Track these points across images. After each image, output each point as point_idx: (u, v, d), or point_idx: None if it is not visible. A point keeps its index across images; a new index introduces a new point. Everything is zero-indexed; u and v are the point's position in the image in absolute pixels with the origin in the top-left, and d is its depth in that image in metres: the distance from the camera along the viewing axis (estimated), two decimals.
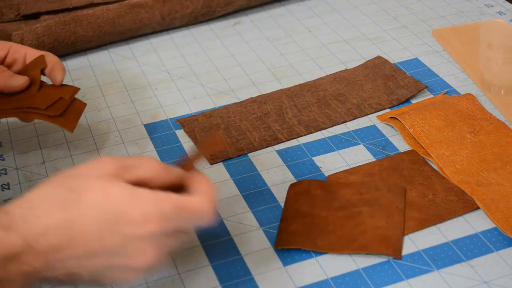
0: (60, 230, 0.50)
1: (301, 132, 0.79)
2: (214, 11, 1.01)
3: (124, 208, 0.50)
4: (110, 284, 0.54)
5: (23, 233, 0.49)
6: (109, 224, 0.50)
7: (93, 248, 0.50)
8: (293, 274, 0.63)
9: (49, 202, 0.51)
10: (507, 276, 0.61)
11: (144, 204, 0.50)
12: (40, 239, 0.49)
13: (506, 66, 0.91)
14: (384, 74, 0.87)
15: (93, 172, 0.52)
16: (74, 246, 0.50)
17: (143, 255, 0.51)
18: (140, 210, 0.50)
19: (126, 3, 0.96)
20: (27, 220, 0.50)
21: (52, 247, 0.49)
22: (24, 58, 0.75)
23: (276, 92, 0.85)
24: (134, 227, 0.50)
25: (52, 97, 0.72)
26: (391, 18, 1.01)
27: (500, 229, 0.65)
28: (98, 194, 0.51)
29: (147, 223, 0.50)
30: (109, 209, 0.50)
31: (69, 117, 0.72)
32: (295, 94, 0.85)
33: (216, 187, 0.72)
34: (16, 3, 1.00)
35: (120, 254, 0.51)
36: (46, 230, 0.49)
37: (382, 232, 0.65)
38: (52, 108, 0.71)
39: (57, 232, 0.50)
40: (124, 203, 0.50)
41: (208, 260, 0.64)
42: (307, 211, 0.68)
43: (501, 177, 0.70)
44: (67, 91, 0.73)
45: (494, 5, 1.02)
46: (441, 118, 0.77)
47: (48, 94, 0.72)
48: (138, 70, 0.93)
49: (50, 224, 0.50)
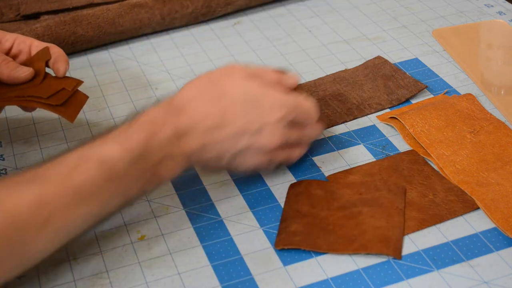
0: (216, 115, 0.64)
1: None
2: (214, 11, 1.01)
3: (261, 98, 0.66)
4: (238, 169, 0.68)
5: (190, 116, 0.64)
6: (250, 109, 0.66)
7: (239, 129, 0.65)
8: (293, 274, 0.63)
9: (205, 95, 0.66)
10: (507, 276, 0.61)
11: (275, 97, 0.67)
12: (202, 121, 0.64)
13: (506, 66, 0.91)
14: (384, 74, 0.87)
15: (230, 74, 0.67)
16: (225, 128, 0.65)
17: (272, 137, 0.66)
18: (272, 100, 0.66)
19: (126, 3, 0.96)
20: (191, 106, 0.64)
21: (210, 127, 0.64)
22: (29, 49, 0.77)
23: None
24: (268, 112, 0.66)
25: (54, 87, 0.73)
26: (391, 18, 1.01)
27: (500, 229, 0.65)
28: (240, 88, 0.66)
29: (276, 110, 0.66)
30: (250, 98, 0.66)
31: (70, 108, 0.73)
32: None
33: (216, 187, 0.72)
34: (16, 3, 1.00)
35: (258, 135, 0.66)
36: (206, 114, 0.64)
37: (382, 232, 0.65)
38: (54, 98, 0.72)
39: (214, 116, 0.64)
40: (261, 95, 0.66)
41: (208, 260, 0.64)
42: (307, 211, 0.68)
43: (501, 177, 0.70)
44: (70, 83, 0.74)
45: (494, 5, 1.02)
46: (441, 118, 0.77)
47: (51, 85, 0.73)
48: (138, 70, 0.93)
49: (209, 111, 0.64)
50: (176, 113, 0.64)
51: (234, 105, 0.65)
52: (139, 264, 0.64)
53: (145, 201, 0.71)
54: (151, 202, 0.71)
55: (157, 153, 0.62)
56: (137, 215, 0.69)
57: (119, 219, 0.69)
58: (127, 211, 0.70)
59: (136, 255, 0.65)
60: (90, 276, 0.63)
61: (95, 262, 0.65)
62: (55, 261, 0.65)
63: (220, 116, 0.65)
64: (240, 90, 0.66)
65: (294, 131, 0.69)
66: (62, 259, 0.65)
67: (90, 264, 0.64)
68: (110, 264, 0.64)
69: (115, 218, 0.69)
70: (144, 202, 0.71)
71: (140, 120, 0.63)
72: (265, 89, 0.67)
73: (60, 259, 0.65)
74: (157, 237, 0.67)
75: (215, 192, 0.72)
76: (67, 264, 0.65)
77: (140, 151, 0.61)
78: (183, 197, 0.71)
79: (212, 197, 0.71)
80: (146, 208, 0.70)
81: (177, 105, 0.65)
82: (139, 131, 0.62)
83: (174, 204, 0.71)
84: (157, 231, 0.68)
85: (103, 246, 0.66)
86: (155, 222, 0.69)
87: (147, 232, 0.68)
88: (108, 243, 0.67)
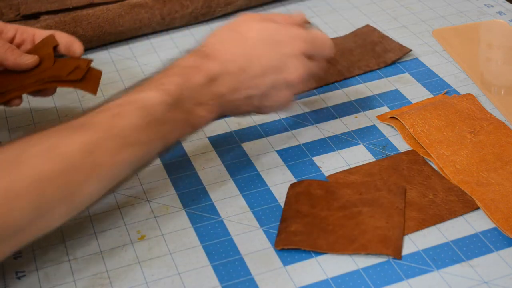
0: (243, 56, 0.68)
1: None
2: (214, 11, 1.01)
3: (279, 34, 0.70)
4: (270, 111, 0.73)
5: (219, 60, 0.67)
6: (271, 46, 0.69)
7: (265, 67, 0.68)
8: (293, 274, 0.63)
9: (228, 41, 0.69)
10: (507, 276, 0.61)
11: (291, 31, 0.70)
12: (231, 63, 0.67)
13: (506, 66, 0.91)
14: (372, 40, 0.93)
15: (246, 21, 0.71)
16: (252, 69, 0.68)
17: (297, 70, 0.69)
18: (290, 34, 0.70)
19: (126, 3, 0.96)
20: (219, 51, 0.68)
21: (239, 69, 0.67)
22: (32, 38, 0.78)
23: None
24: (288, 46, 0.69)
25: (69, 67, 0.75)
26: (391, 18, 1.01)
27: (500, 229, 0.65)
28: (259, 29, 0.70)
29: (296, 43, 0.70)
30: (269, 37, 0.70)
31: (90, 82, 0.75)
32: None
33: (216, 187, 0.72)
34: (16, 3, 1.00)
35: (282, 70, 0.69)
36: (234, 57, 0.68)
37: (382, 232, 0.65)
38: (72, 75, 0.74)
39: (241, 58, 0.68)
40: (278, 32, 0.70)
41: (208, 260, 0.64)
42: (307, 211, 0.68)
43: (501, 177, 0.70)
44: (82, 61, 0.76)
45: (494, 5, 1.02)
46: (441, 118, 0.77)
47: (65, 65, 0.75)
48: (138, 70, 0.92)
49: (236, 52, 0.68)
50: (206, 58, 0.67)
51: (255, 46, 0.69)
52: (139, 264, 0.64)
53: (145, 201, 0.71)
54: (151, 202, 0.71)
55: (192, 98, 0.65)
56: (137, 215, 0.69)
57: (119, 219, 0.69)
58: (127, 211, 0.70)
59: (136, 255, 0.65)
60: (90, 276, 0.63)
61: (95, 262, 0.65)
62: (55, 261, 0.65)
63: (245, 58, 0.68)
64: (258, 31, 0.70)
65: (313, 63, 0.72)
66: (62, 259, 0.65)
67: (90, 264, 0.64)
68: (110, 264, 0.64)
69: (115, 218, 0.69)
70: (144, 202, 0.71)
71: (174, 67, 0.66)
72: (281, 26, 0.71)
73: (60, 259, 0.65)
74: (157, 237, 0.67)
75: (215, 192, 0.72)
76: (67, 264, 0.65)
77: (177, 96, 0.63)
78: (183, 197, 0.71)
79: (212, 197, 0.71)
80: (146, 208, 0.70)
81: (206, 51, 0.68)
82: (175, 77, 0.65)
83: (174, 204, 0.71)
84: (157, 231, 0.68)
85: (103, 246, 0.66)
86: (155, 222, 0.69)
87: (147, 232, 0.68)
88: (108, 243, 0.67)
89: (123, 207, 0.70)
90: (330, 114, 0.82)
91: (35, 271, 0.64)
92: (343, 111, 0.82)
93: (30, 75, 0.75)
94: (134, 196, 0.71)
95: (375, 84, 0.87)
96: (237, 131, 0.80)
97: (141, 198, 0.71)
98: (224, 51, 0.68)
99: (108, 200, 0.71)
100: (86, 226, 0.68)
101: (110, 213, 0.70)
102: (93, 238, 0.67)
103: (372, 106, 0.83)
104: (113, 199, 0.71)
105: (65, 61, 0.77)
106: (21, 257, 0.65)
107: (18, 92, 0.74)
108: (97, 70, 0.77)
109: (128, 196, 0.71)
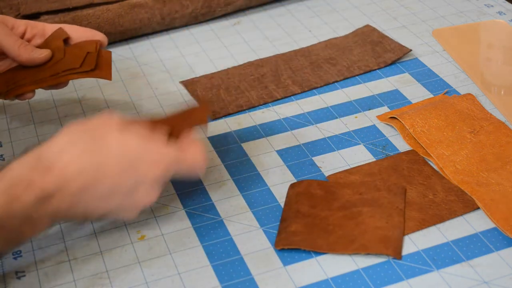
0: (88, 173, 0.58)
1: (295, 90, 0.85)
2: (214, 11, 1.01)
3: (139, 157, 0.60)
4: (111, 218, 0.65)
5: (57, 177, 0.57)
6: (128, 167, 0.59)
7: (114, 188, 0.59)
8: (293, 274, 0.63)
9: (77, 148, 0.59)
10: (507, 276, 0.61)
11: (154, 154, 0.60)
12: (72, 181, 0.57)
13: (506, 66, 0.91)
14: (372, 40, 0.94)
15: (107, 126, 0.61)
16: (98, 187, 0.58)
17: (148, 196, 0.61)
18: (151, 158, 0.60)
19: (126, 3, 0.96)
20: (62, 162, 0.57)
21: (82, 187, 0.58)
22: (42, 32, 0.78)
23: (272, 57, 0.92)
24: (145, 172, 0.60)
25: (80, 55, 0.75)
26: (391, 18, 1.01)
27: (500, 229, 0.65)
28: (118, 142, 0.60)
29: (154, 169, 0.60)
30: (127, 154, 0.59)
31: (103, 68, 0.75)
32: (290, 58, 0.91)
33: (216, 187, 0.72)
34: (16, 3, 1.00)
35: (131, 194, 0.60)
36: (78, 173, 0.58)
37: (382, 232, 0.65)
38: (85, 64, 0.74)
39: (86, 175, 0.58)
40: (138, 151, 0.60)
41: (208, 260, 0.64)
42: (307, 211, 0.68)
43: (501, 177, 0.70)
44: (90, 46, 0.76)
45: (494, 5, 1.02)
46: (441, 118, 0.77)
47: (75, 54, 0.76)
48: (138, 70, 0.92)
49: (81, 167, 0.58)
50: (43, 171, 0.57)
51: (110, 161, 0.59)
52: (139, 264, 0.64)
53: None
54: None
55: (19, 216, 0.57)
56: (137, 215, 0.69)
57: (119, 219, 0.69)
58: None
59: (136, 255, 0.65)
60: (90, 276, 0.63)
61: (95, 262, 0.65)
62: (55, 261, 0.65)
63: (93, 173, 0.58)
64: (117, 146, 0.60)
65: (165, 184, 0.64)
66: (62, 259, 0.65)
67: (90, 264, 0.64)
68: (110, 264, 0.64)
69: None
70: None
71: (2, 181, 0.57)
72: (144, 144, 0.60)
73: (60, 259, 0.65)
74: (157, 237, 0.67)
75: (215, 192, 0.72)
76: (67, 264, 0.65)
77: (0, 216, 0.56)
78: (183, 197, 0.71)
79: (212, 197, 0.71)
80: (146, 208, 0.70)
81: (46, 159, 0.58)
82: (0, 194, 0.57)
83: (174, 204, 0.71)
84: (157, 231, 0.68)
85: (103, 246, 0.66)
86: (155, 222, 0.69)
87: (147, 232, 0.68)
88: (108, 243, 0.67)
89: None
90: (330, 114, 0.82)
91: (35, 271, 0.64)
92: (343, 111, 0.82)
93: (44, 69, 0.75)
94: None
95: (375, 84, 0.87)
96: (237, 131, 0.80)
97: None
98: (67, 162, 0.58)
99: None
100: (86, 226, 0.68)
101: None
102: (93, 238, 0.67)
103: (372, 106, 0.83)
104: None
105: (74, 49, 0.77)
106: (21, 257, 0.65)
107: (32, 87, 0.74)
108: (106, 52, 0.77)
109: None
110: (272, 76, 0.88)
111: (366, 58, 0.91)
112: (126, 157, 0.59)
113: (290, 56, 0.92)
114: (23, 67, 0.75)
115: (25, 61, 0.74)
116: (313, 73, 0.88)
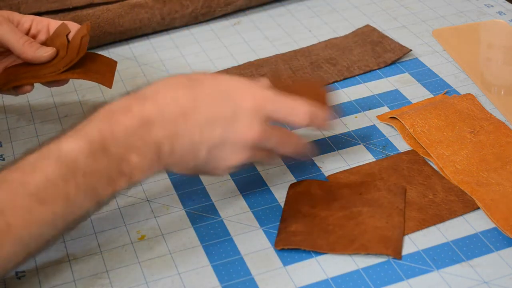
0: (185, 100, 0.59)
1: None
2: (214, 11, 1.01)
3: (233, 87, 0.62)
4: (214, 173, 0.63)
5: (156, 102, 0.59)
6: (223, 97, 0.61)
7: (211, 116, 0.60)
8: (293, 274, 0.63)
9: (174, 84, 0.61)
10: (507, 276, 0.61)
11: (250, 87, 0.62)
12: (169, 107, 0.59)
13: (506, 66, 0.91)
14: (372, 40, 0.94)
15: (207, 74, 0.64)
16: (197, 113, 0.59)
17: (249, 129, 0.61)
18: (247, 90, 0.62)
19: (126, 3, 0.96)
20: (158, 93, 0.59)
21: (180, 113, 0.59)
22: (47, 28, 0.79)
23: (272, 57, 0.92)
24: (242, 99, 0.61)
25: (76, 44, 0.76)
26: (391, 18, 1.01)
27: (500, 229, 0.65)
28: (212, 79, 0.62)
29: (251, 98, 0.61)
30: (222, 88, 0.62)
31: (106, 75, 0.76)
32: (290, 58, 0.92)
33: (216, 187, 0.72)
34: (16, 3, 1.00)
35: (233, 125, 0.60)
36: (174, 100, 0.59)
37: (382, 232, 0.65)
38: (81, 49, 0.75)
39: (182, 102, 0.59)
40: (232, 84, 0.62)
41: (208, 260, 0.64)
42: (307, 211, 0.68)
43: (501, 177, 0.70)
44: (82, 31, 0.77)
45: (494, 5, 1.02)
46: (441, 118, 0.77)
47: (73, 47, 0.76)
48: (138, 70, 0.93)
49: (177, 96, 0.60)
50: (141, 100, 0.59)
51: (205, 92, 0.61)
52: (139, 264, 0.64)
53: (145, 201, 0.71)
54: (151, 202, 0.71)
55: (122, 145, 0.57)
56: (137, 215, 0.69)
57: (119, 219, 0.69)
58: (127, 211, 0.70)
59: (136, 255, 0.65)
60: (90, 276, 0.63)
61: (95, 262, 0.65)
62: (55, 261, 0.65)
63: (189, 101, 0.59)
64: (214, 79, 0.62)
65: (276, 132, 0.63)
66: (62, 259, 0.65)
67: (90, 264, 0.65)
68: (110, 264, 0.64)
69: (115, 218, 0.69)
70: (144, 202, 0.71)
71: (101, 111, 0.58)
72: (242, 81, 0.63)
73: (60, 259, 0.65)
74: (157, 237, 0.67)
75: (215, 192, 0.72)
76: (67, 264, 0.65)
77: (102, 143, 0.56)
78: (183, 197, 0.71)
79: (212, 197, 0.71)
80: (146, 208, 0.70)
81: (143, 93, 0.60)
82: (100, 121, 0.57)
83: (174, 204, 0.71)
84: (157, 231, 0.68)
85: (103, 246, 0.66)
86: (155, 222, 0.69)
87: (147, 232, 0.68)
88: (108, 243, 0.67)
89: (123, 207, 0.70)
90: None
91: (35, 271, 0.64)
92: (343, 111, 0.82)
93: (47, 66, 0.75)
94: (134, 196, 0.71)
95: (375, 84, 0.87)
96: None
97: (141, 198, 0.71)
98: (164, 93, 0.60)
99: None
100: (86, 226, 0.68)
101: (110, 213, 0.70)
102: (93, 238, 0.67)
103: (372, 106, 0.83)
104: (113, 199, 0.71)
105: (73, 43, 0.77)
106: None
107: (33, 80, 0.75)
108: (112, 60, 0.78)
109: (128, 196, 0.71)
110: (272, 76, 0.88)
111: (366, 58, 0.91)
112: (221, 89, 0.61)
113: (290, 56, 0.92)
114: (27, 63, 0.76)
115: (30, 59, 0.75)
116: (313, 73, 0.89)
